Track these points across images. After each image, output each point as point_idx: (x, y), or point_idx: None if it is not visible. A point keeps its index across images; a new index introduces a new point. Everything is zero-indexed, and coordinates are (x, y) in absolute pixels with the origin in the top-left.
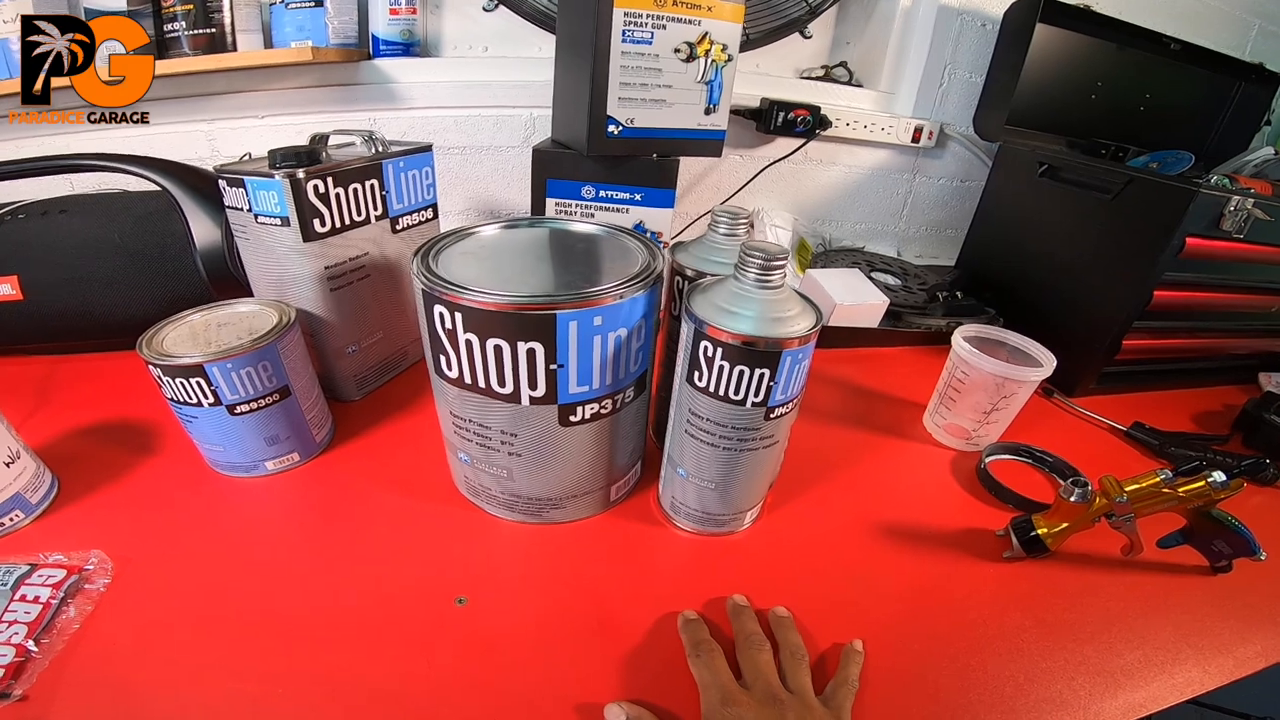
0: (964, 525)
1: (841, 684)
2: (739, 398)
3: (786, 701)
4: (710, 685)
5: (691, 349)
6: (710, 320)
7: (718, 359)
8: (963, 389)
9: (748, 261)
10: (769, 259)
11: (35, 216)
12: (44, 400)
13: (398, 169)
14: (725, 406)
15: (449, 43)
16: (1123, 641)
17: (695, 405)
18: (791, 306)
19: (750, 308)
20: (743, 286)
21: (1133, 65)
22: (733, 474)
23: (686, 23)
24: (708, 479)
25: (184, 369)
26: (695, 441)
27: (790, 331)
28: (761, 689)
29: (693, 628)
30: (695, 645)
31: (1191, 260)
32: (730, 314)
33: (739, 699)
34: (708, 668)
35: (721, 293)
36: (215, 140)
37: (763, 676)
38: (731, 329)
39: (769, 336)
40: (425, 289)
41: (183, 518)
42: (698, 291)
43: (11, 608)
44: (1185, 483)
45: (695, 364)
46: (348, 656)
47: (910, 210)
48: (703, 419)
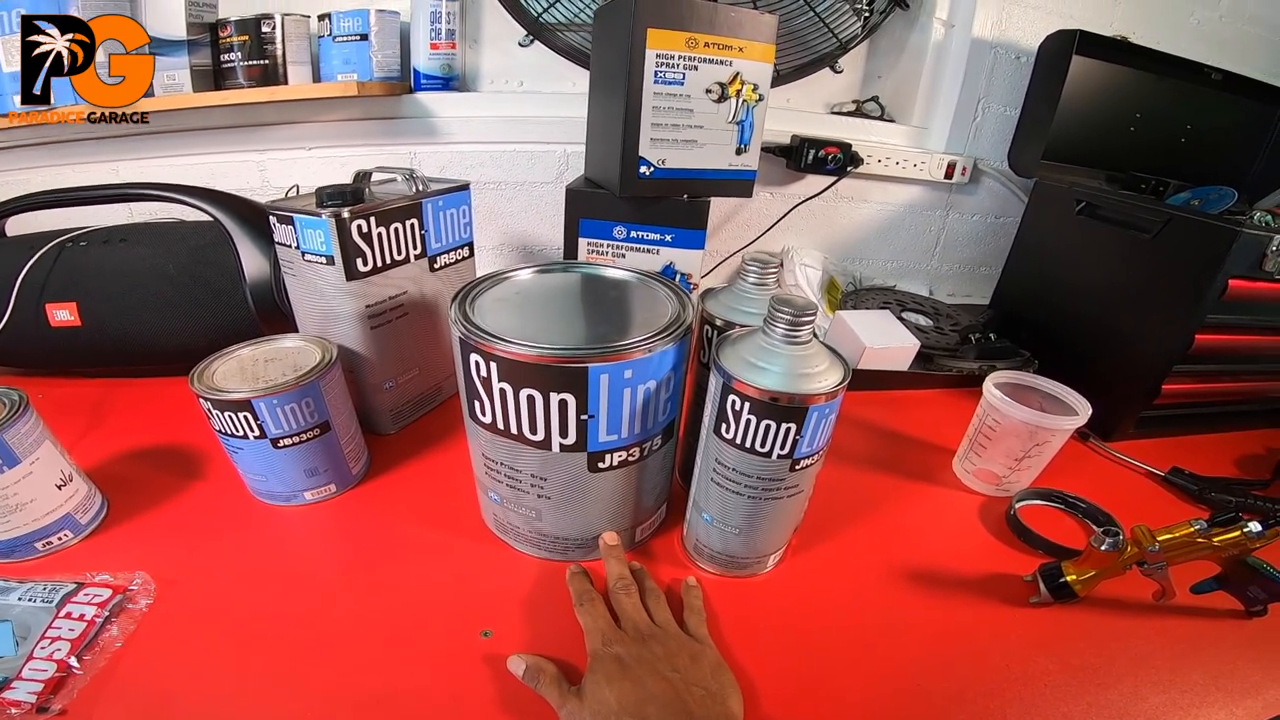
0: (991, 570)
1: (694, 612)
2: (765, 450)
3: (655, 635)
4: (593, 629)
5: (719, 401)
6: (738, 375)
7: (745, 412)
8: (994, 436)
9: (776, 316)
10: (797, 314)
11: (97, 244)
12: (97, 423)
13: (436, 208)
14: (751, 458)
15: (486, 77)
16: (1149, 685)
17: (722, 455)
18: (820, 362)
19: (777, 363)
20: (771, 340)
21: (1172, 96)
22: (757, 520)
23: (718, 63)
24: (732, 525)
25: (233, 404)
26: (720, 490)
27: (817, 388)
28: (632, 627)
29: (577, 580)
30: (579, 595)
31: (1234, 302)
32: (758, 369)
33: (617, 637)
34: (589, 614)
35: (750, 346)
36: (266, 171)
37: (631, 616)
38: (758, 384)
39: (796, 393)
40: (462, 337)
41: (224, 543)
42: (727, 344)
43: (56, 624)
44: (1220, 533)
45: (723, 416)
46: (376, 683)
47: (943, 248)
48: (729, 469)
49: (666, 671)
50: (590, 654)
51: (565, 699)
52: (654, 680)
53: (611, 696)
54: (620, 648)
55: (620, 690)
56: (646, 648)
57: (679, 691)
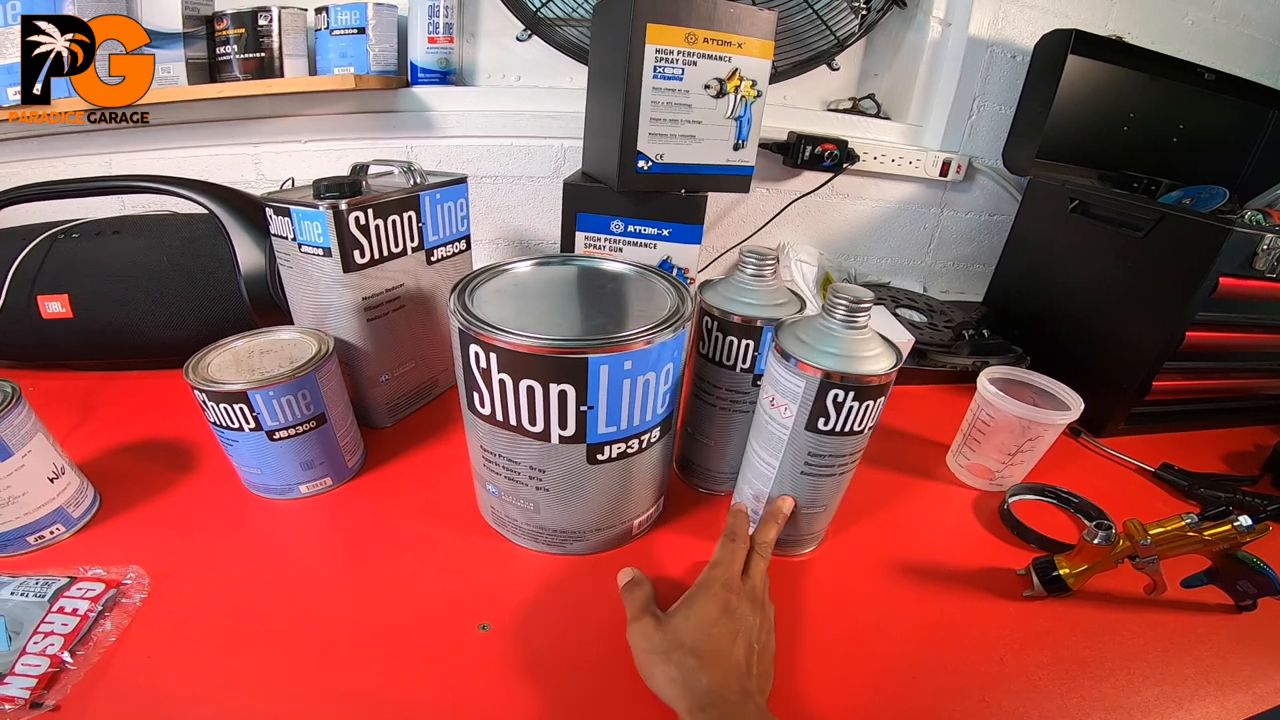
0: (984, 564)
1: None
2: (860, 430)
3: (764, 609)
4: (724, 564)
5: (816, 399)
6: (840, 369)
7: (848, 401)
8: (988, 431)
9: (842, 304)
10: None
11: (89, 236)
12: (90, 415)
13: (434, 201)
14: (844, 440)
15: (483, 71)
16: (1142, 679)
17: (818, 448)
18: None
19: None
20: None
21: (1165, 96)
22: (835, 494)
23: (717, 59)
24: (820, 504)
25: (228, 395)
26: (812, 478)
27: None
28: (752, 589)
29: (738, 517)
30: (733, 531)
31: (1225, 300)
32: (858, 359)
33: (738, 587)
34: (730, 551)
35: (821, 336)
36: (260, 164)
37: (756, 580)
38: (862, 371)
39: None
40: (462, 328)
41: (218, 536)
42: (804, 337)
43: (49, 619)
44: (1211, 527)
45: (820, 411)
46: (373, 678)
47: (937, 245)
48: (824, 456)
49: (753, 644)
50: (703, 583)
51: (643, 615)
52: (740, 647)
53: (689, 632)
54: (735, 596)
55: (704, 633)
56: (754, 614)
57: (747, 670)
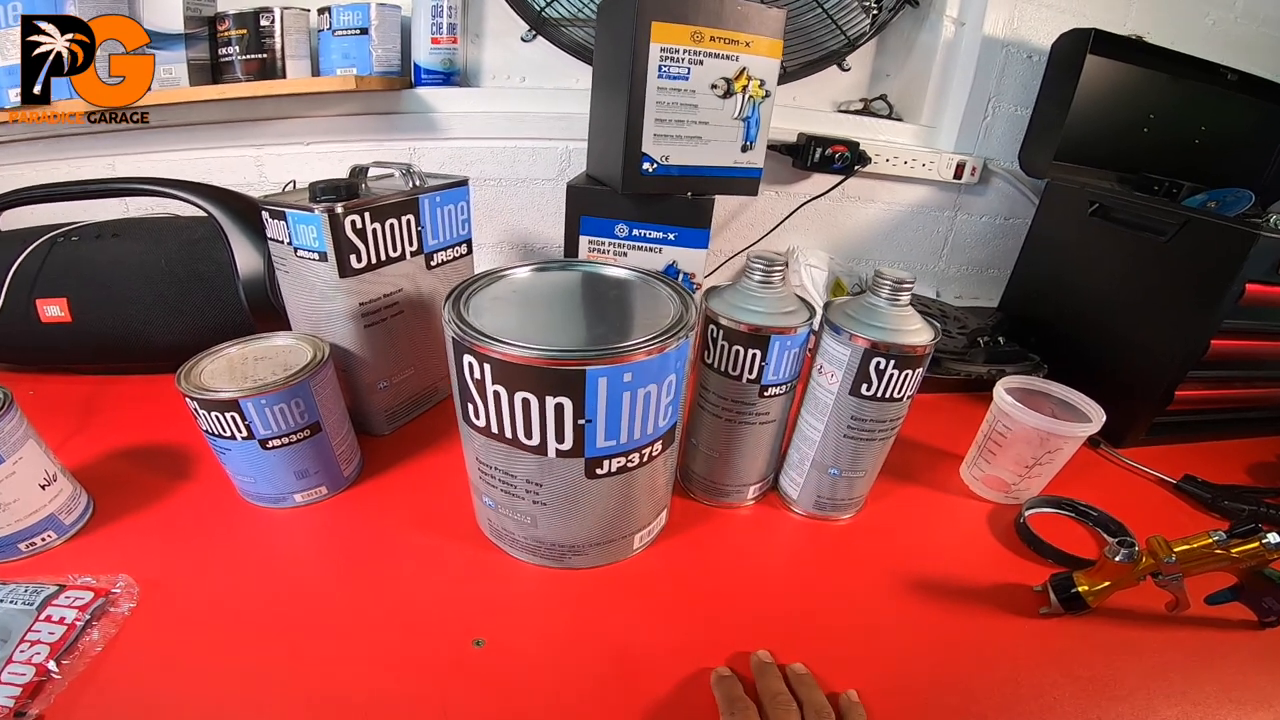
0: (1000, 580)
1: None
2: (899, 397)
3: None
4: None
5: (860, 366)
6: (882, 339)
7: (889, 369)
8: (1004, 442)
9: (886, 284)
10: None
11: (89, 239)
12: (86, 421)
13: (434, 204)
14: (885, 405)
15: (488, 72)
16: (1161, 698)
17: (860, 411)
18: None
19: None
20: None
21: (1187, 97)
22: (874, 459)
23: (724, 58)
24: (860, 469)
25: (219, 403)
26: (855, 442)
27: None
28: None
29: (726, 684)
30: (729, 703)
31: (1250, 308)
32: (901, 331)
33: None
34: None
35: (868, 312)
36: (263, 166)
37: None
38: (904, 341)
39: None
40: (456, 338)
41: (211, 545)
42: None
43: (36, 627)
44: (1239, 544)
45: (864, 377)
46: (363, 694)
47: (951, 249)
48: (866, 420)
49: None
50: None
51: None
52: None
53: None
54: None
55: None
56: None
57: None
